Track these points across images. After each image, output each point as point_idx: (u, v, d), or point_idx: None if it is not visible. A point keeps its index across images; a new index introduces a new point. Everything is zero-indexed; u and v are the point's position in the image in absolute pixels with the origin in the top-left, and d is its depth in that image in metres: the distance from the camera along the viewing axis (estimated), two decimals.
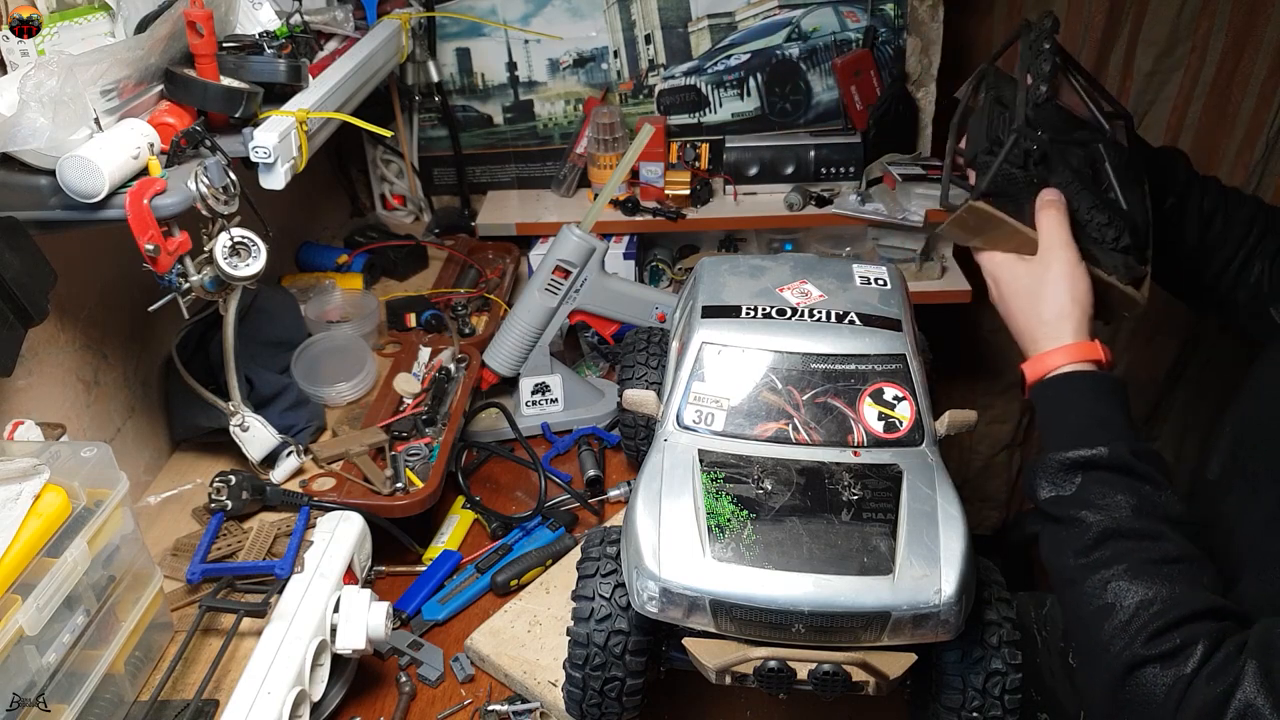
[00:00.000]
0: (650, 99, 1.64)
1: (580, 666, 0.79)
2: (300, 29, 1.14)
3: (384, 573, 1.09)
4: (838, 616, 0.70)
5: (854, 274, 0.94)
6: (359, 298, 1.49)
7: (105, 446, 0.84)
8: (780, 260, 0.96)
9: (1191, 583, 0.76)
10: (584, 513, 1.17)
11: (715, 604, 0.72)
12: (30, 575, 0.74)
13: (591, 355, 1.44)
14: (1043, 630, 1.33)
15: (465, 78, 1.64)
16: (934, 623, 0.71)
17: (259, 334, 1.24)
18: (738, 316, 0.88)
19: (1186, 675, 0.72)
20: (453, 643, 1.00)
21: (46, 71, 0.79)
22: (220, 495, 1.06)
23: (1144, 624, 0.74)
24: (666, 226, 1.57)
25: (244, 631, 0.95)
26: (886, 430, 0.83)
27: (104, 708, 0.84)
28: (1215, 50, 1.64)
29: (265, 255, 0.96)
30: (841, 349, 0.85)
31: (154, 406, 1.22)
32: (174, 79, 0.95)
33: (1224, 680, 0.70)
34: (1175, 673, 0.72)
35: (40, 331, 0.99)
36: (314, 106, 1.03)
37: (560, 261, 1.22)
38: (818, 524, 0.74)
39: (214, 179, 0.91)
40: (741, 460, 0.80)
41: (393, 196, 1.78)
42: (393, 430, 1.17)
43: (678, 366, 0.87)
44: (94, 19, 0.95)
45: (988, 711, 0.76)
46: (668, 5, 1.57)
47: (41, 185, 0.86)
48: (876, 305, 0.90)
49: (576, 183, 1.67)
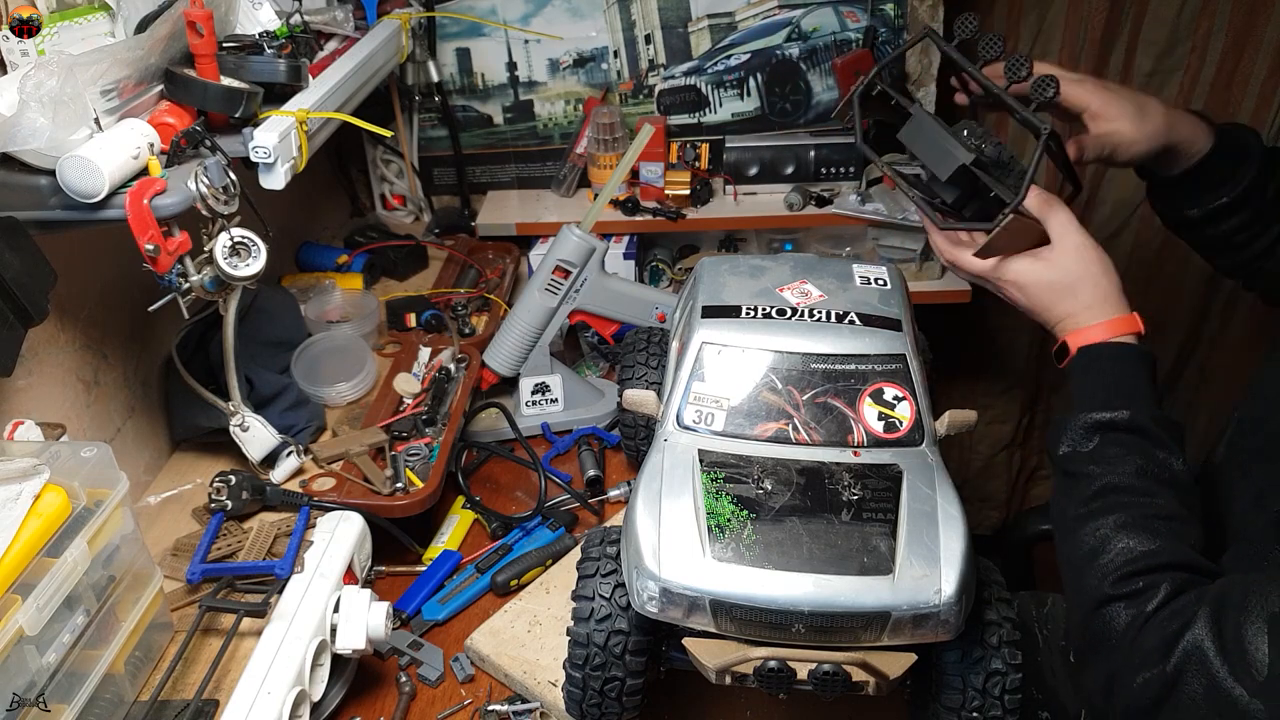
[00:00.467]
0: (650, 99, 1.64)
1: (580, 666, 0.79)
2: (300, 29, 1.14)
3: (384, 573, 1.09)
4: (838, 616, 0.71)
5: (854, 274, 0.94)
6: (359, 298, 1.49)
7: (105, 446, 0.84)
8: (780, 260, 0.96)
9: (1175, 538, 0.80)
10: (584, 513, 1.17)
11: (715, 604, 0.72)
12: (30, 575, 0.74)
13: (591, 355, 1.44)
14: (1044, 629, 1.34)
15: (465, 78, 1.64)
16: (934, 623, 0.71)
17: (259, 334, 1.24)
18: (738, 316, 0.88)
19: (1145, 613, 0.76)
20: (453, 643, 1.00)
21: (46, 71, 0.79)
22: (220, 495, 1.06)
23: (1119, 566, 0.79)
24: (666, 226, 1.57)
25: (244, 631, 0.95)
26: (886, 430, 0.83)
27: (104, 708, 0.84)
28: (1215, 50, 1.64)
29: (265, 255, 0.96)
30: (841, 349, 0.85)
31: (154, 406, 1.22)
32: (174, 79, 0.95)
33: (1178, 621, 0.74)
34: (1136, 610, 0.77)
35: (40, 331, 0.99)
36: (314, 106, 1.03)
37: (560, 261, 1.22)
38: (818, 524, 0.74)
39: (214, 179, 0.91)
40: (741, 460, 0.80)
41: (393, 196, 1.78)
42: (393, 430, 1.17)
43: (678, 366, 0.87)
44: (94, 19, 0.95)
45: (988, 711, 0.76)
46: (668, 5, 1.57)
47: (41, 185, 0.86)
48: (876, 305, 0.90)
49: (576, 183, 1.67)
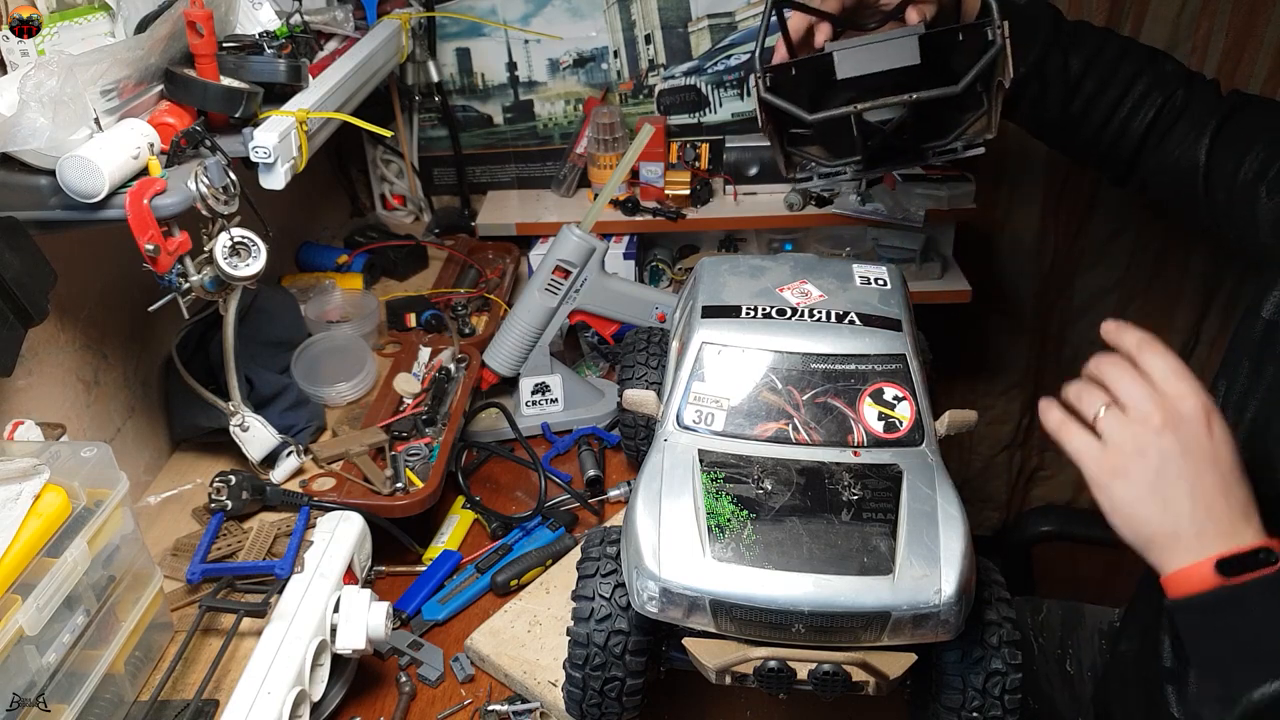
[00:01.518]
0: (650, 99, 1.64)
1: (580, 666, 0.79)
2: (300, 29, 1.14)
3: (384, 573, 1.09)
4: (838, 616, 0.70)
5: (854, 274, 0.94)
6: (359, 298, 1.49)
7: (105, 446, 0.84)
8: (780, 260, 0.96)
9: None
10: (584, 513, 1.17)
11: (715, 604, 0.72)
12: (30, 575, 0.74)
13: (591, 355, 1.44)
14: (1039, 637, 1.33)
15: (465, 78, 1.64)
16: (934, 623, 0.71)
17: (259, 334, 1.24)
18: (738, 316, 0.88)
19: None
20: (453, 643, 1.00)
21: (46, 71, 0.79)
22: (220, 495, 1.06)
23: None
24: (666, 226, 1.57)
25: (244, 631, 0.95)
26: (886, 430, 0.83)
27: (104, 708, 0.84)
28: (1215, 50, 1.63)
29: (265, 255, 0.96)
30: (841, 349, 0.85)
31: (154, 406, 1.22)
32: (174, 79, 0.95)
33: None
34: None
35: (40, 331, 0.99)
36: (314, 106, 1.03)
37: (560, 261, 1.22)
38: (818, 524, 0.74)
39: (214, 179, 0.91)
40: (741, 460, 0.80)
41: (393, 196, 1.78)
42: (393, 430, 1.17)
43: (678, 366, 0.87)
44: (94, 19, 0.95)
45: (988, 711, 0.76)
46: (668, 5, 1.57)
47: (41, 185, 0.86)
48: (876, 305, 0.90)
49: (576, 183, 1.67)
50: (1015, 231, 1.85)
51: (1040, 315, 1.96)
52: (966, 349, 1.99)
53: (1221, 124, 1.06)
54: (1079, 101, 1.11)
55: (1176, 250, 1.79)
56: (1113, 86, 1.10)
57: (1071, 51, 1.10)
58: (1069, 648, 1.31)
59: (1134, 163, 1.14)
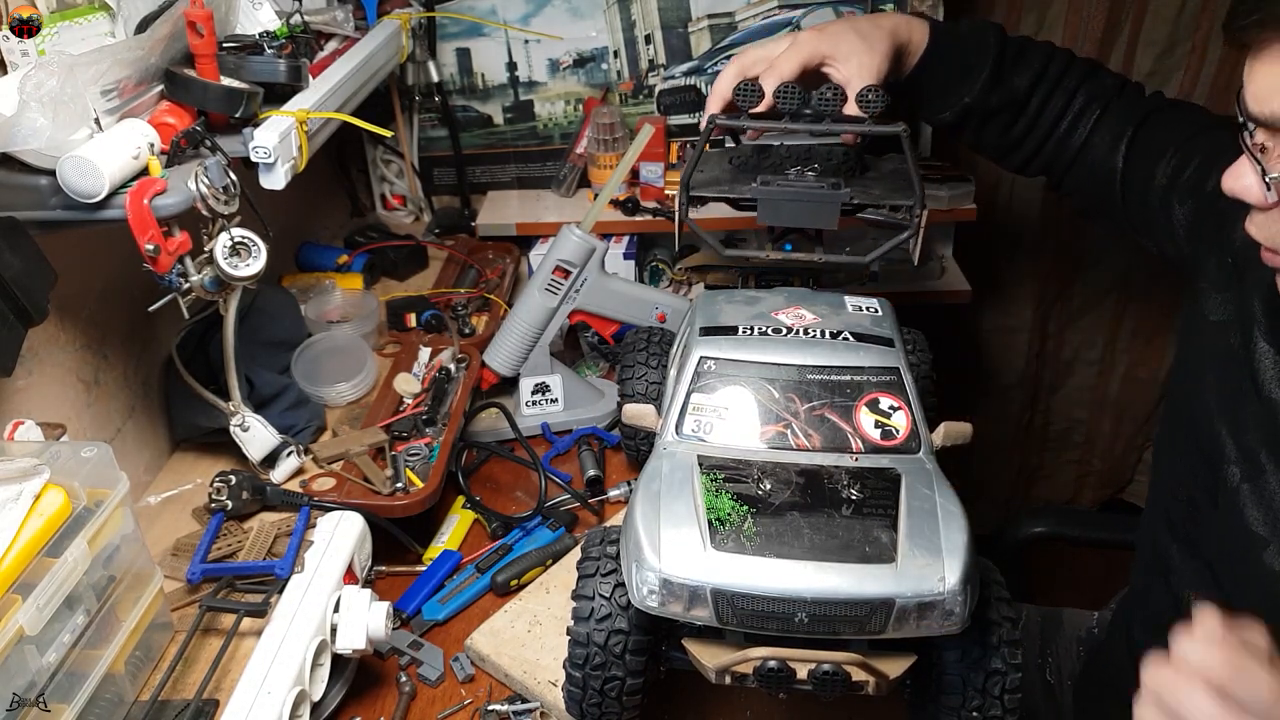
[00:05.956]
0: (650, 99, 1.64)
1: (580, 666, 0.79)
2: (300, 29, 1.14)
3: (384, 573, 1.09)
4: (841, 604, 0.70)
5: (846, 304, 0.95)
6: (359, 298, 1.49)
7: (105, 446, 0.84)
8: (774, 292, 0.98)
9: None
10: (584, 513, 1.17)
11: (716, 594, 0.71)
12: (30, 575, 0.74)
13: (591, 355, 1.44)
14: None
15: (465, 78, 1.64)
16: (939, 612, 0.70)
17: (259, 334, 1.24)
18: (735, 334, 0.89)
19: None
20: (453, 643, 1.00)
21: (46, 71, 0.79)
22: (220, 495, 1.06)
23: None
24: (666, 226, 1.57)
25: (244, 631, 0.95)
26: (884, 438, 0.83)
27: (104, 708, 0.84)
28: (1215, 50, 1.64)
29: (265, 255, 0.96)
30: (837, 362, 0.85)
31: (154, 406, 1.22)
32: (174, 79, 0.95)
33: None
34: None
35: (40, 331, 0.99)
36: (314, 106, 1.03)
37: (560, 261, 1.22)
38: (818, 518, 0.74)
39: (214, 179, 0.91)
40: (741, 463, 0.80)
41: (393, 196, 1.78)
42: (393, 430, 1.17)
43: (676, 380, 0.88)
44: (94, 19, 0.96)
45: (988, 711, 0.76)
46: (668, 5, 1.57)
47: (41, 185, 0.86)
48: (869, 327, 0.90)
49: (576, 183, 1.67)
50: (1015, 232, 1.86)
51: (1040, 315, 1.97)
52: (966, 349, 1.99)
53: (1137, 130, 1.06)
54: (1023, 122, 1.11)
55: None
56: (1056, 99, 1.10)
57: (1016, 72, 1.10)
58: (1048, 656, 1.30)
59: (1066, 172, 1.14)
